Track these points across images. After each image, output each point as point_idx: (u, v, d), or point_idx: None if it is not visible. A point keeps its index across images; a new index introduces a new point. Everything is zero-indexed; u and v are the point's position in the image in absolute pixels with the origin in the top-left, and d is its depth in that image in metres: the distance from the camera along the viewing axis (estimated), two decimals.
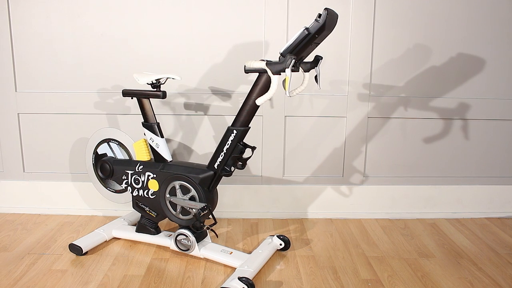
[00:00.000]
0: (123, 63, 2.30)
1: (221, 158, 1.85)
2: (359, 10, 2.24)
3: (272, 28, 2.24)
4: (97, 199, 2.42)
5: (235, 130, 1.80)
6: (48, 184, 2.43)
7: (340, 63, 2.30)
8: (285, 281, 1.81)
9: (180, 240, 1.94)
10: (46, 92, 2.33)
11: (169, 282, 1.78)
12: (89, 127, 2.37)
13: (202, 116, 2.34)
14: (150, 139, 1.99)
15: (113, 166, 2.07)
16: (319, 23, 1.54)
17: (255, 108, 1.77)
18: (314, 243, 2.15)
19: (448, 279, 1.83)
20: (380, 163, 2.44)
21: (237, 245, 2.12)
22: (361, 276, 1.85)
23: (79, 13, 2.25)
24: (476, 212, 2.48)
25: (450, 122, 2.39)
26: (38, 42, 2.29)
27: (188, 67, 2.29)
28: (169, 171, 1.94)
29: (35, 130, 2.39)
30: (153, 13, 2.25)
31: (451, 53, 2.31)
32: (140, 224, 2.07)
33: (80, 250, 1.97)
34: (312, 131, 2.38)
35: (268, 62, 1.62)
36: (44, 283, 1.76)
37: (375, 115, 2.35)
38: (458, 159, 2.45)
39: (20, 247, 2.06)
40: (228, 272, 1.86)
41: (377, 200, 2.45)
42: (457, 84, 2.35)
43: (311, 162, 2.42)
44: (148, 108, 1.98)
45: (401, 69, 2.32)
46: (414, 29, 2.28)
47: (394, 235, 2.24)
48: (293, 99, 2.32)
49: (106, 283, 1.77)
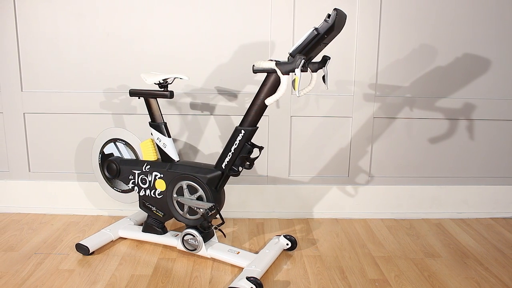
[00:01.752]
0: (129, 63, 2.30)
1: (228, 158, 1.85)
2: (365, 10, 2.24)
3: (278, 29, 2.24)
4: (103, 199, 2.42)
5: (243, 130, 1.80)
6: (53, 184, 2.43)
7: (346, 63, 2.31)
8: (293, 281, 1.81)
9: (187, 240, 1.94)
10: (52, 92, 2.33)
11: (176, 282, 1.79)
12: (95, 127, 2.37)
13: (208, 116, 2.34)
14: (157, 139, 1.99)
15: (120, 166, 2.07)
16: (328, 23, 1.54)
17: (263, 108, 1.77)
18: (320, 243, 2.15)
19: (455, 279, 1.83)
20: (385, 163, 2.44)
21: (243, 245, 2.12)
22: (368, 276, 1.85)
23: (85, 13, 2.25)
24: (481, 212, 2.49)
25: (455, 123, 2.40)
26: (44, 42, 2.29)
27: (194, 67, 2.30)
28: (177, 171, 1.94)
29: (40, 130, 2.39)
30: (160, 13, 2.25)
31: (457, 54, 2.32)
32: (147, 224, 2.07)
33: (87, 250, 1.97)
34: (317, 131, 2.38)
35: (278, 62, 1.62)
36: (52, 283, 1.76)
37: (380, 115, 2.36)
38: (464, 159, 2.46)
39: (27, 247, 2.06)
40: (235, 272, 1.86)
41: (383, 200, 2.45)
42: (462, 84, 2.36)
43: (317, 162, 2.42)
44: (155, 108, 1.98)
45: (407, 70, 2.32)
46: (420, 29, 2.28)
47: (399, 235, 2.24)
48: (299, 99, 2.33)
49: (114, 283, 1.77)
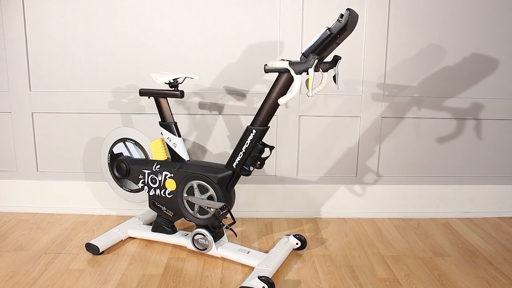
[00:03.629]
0: (138, 63, 2.30)
1: (239, 158, 1.85)
2: (373, 10, 2.24)
3: (286, 29, 2.25)
4: (111, 199, 2.42)
5: (254, 130, 1.80)
6: (61, 183, 2.43)
7: (355, 63, 2.31)
8: (304, 280, 1.81)
9: (197, 239, 1.94)
10: (60, 92, 2.33)
11: (187, 281, 1.79)
12: (103, 127, 2.37)
13: (217, 116, 2.35)
14: (168, 138, 1.99)
15: (129, 166, 2.07)
16: (341, 23, 1.54)
17: (275, 107, 1.77)
18: (329, 242, 2.15)
19: (465, 278, 1.84)
20: (393, 162, 2.44)
21: (252, 244, 2.12)
22: (378, 275, 1.86)
23: (94, 12, 2.25)
24: (488, 211, 2.49)
25: (463, 122, 2.40)
26: (52, 41, 2.28)
27: (202, 66, 2.30)
28: (187, 171, 1.94)
29: (48, 129, 2.39)
30: (168, 13, 2.25)
31: (465, 53, 2.32)
32: (156, 224, 2.07)
33: (97, 250, 1.97)
34: (326, 131, 2.38)
35: (291, 62, 1.62)
36: (63, 282, 1.76)
37: (388, 115, 2.36)
38: (471, 159, 2.46)
39: (36, 247, 2.06)
40: (245, 272, 1.86)
41: (390, 199, 2.46)
42: (470, 84, 2.36)
43: (325, 161, 2.43)
44: (165, 107, 1.98)
45: (415, 69, 2.33)
46: (428, 29, 2.29)
47: (408, 234, 2.25)
48: (308, 99, 2.33)
49: (125, 282, 1.77)
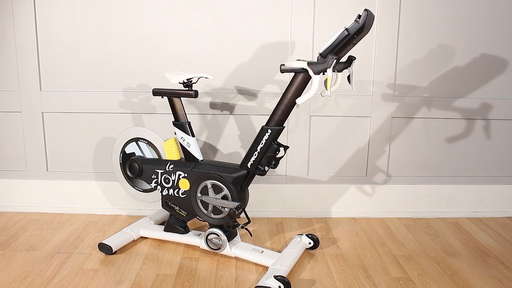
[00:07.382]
0: (149, 62, 2.30)
1: (254, 157, 1.85)
2: (384, 11, 2.25)
3: (298, 29, 2.25)
4: (121, 199, 2.42)
5: (269, 130, 1.80)
6: (71, 183, 2.42)
7: (365, 63, 2.32)
8: (318, 279, 1.82)
9: (211, 239, 1.94)
10: (70, 91, 2.32)
11: (202, 281, 1.79)
12: (114, 127, 2.36)
13: (228, 116, 2.35)
14: (181, 138, 2.00)
15: (142, 165, 2.07)
16: (359, 23, 1.55)
17: (291, 107, 1.77)
18: (341, 242, 2.16)
19: (478, 277, 1.85)
20: (403, 162, 2.45)
21: (264, 244, 2.13)
22: (391, 274, 1.86)
23: (105, 12, 2.25)
24: (497, 211, 2.51)
25: (472, 122, 2.41)
26: (63, 41, 2.28)
27: (214, 66, 2.30)
28: (201, 170, 1.94)
29: (59, 129, 2.38)
30: (179, 12, 2.25)
31: (474, 54, 2.33)
32: (169, 224, 2.07)
33: (110, 249, 1.97)
34: (336, 131, 2.39)
35: (309, 62, 1.62)
36: (78, 282, 1.76)
37: (399, 115, 2.37)
38: (480, 159, 2.48)
39: (48, 246, 2.05)
40: (259, 271, 1.86)
41: (400, 199, 2.47)
42: (479, 84, 2.37)
43: (335, 161, 2.43)
44: (179, 107, 1.98)
45: (425, 70, 2.34)
46: (438, 30, 2.30)
47: (418, 234, 2.26)
48: (319, 99, 2.33)
49: (140, 282, 1.77)
